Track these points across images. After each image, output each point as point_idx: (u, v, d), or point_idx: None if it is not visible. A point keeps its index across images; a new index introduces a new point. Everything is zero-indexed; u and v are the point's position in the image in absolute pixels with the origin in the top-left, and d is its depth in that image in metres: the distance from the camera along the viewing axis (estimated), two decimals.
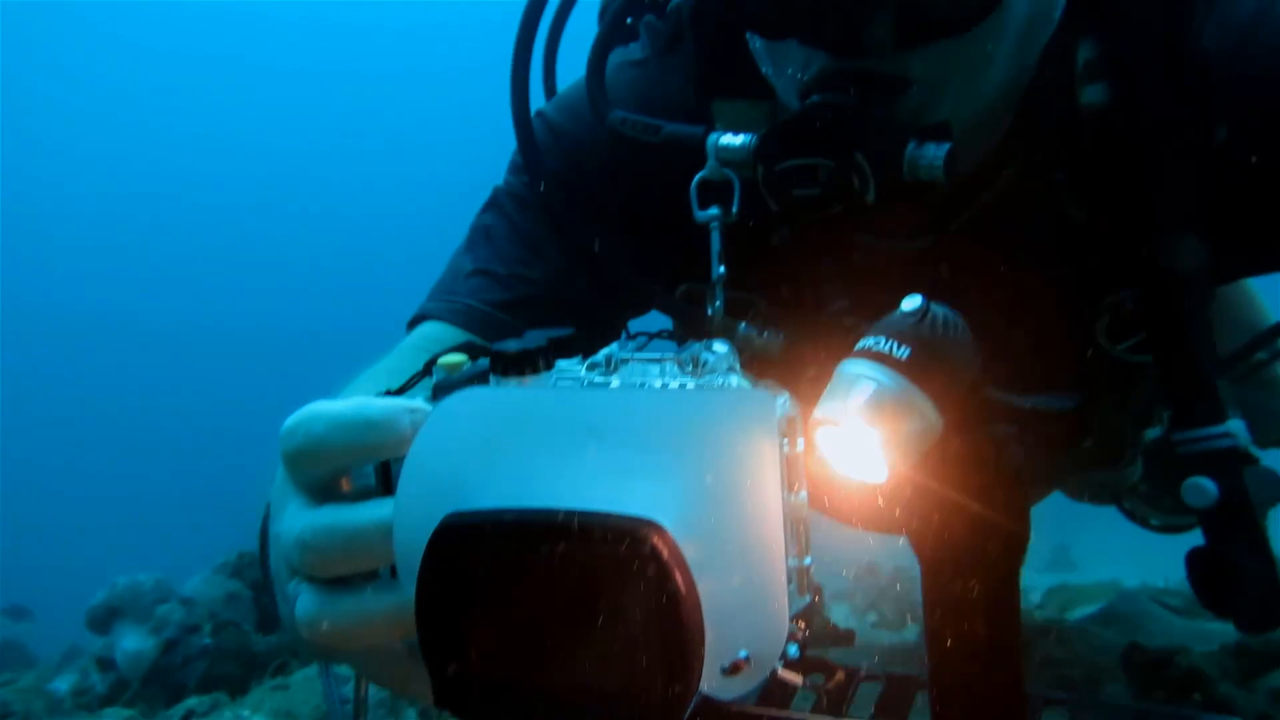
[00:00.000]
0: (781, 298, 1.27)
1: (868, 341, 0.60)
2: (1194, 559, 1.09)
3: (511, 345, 0.63)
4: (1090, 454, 1.45)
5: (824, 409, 0.57)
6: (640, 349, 0.65)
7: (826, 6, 0.93)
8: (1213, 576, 1.07)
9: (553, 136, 1.33)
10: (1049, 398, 0.84)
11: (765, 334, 1.19)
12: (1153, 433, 1.46)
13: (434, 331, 1.29)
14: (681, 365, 0.63)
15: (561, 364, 0.65)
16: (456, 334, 1.27)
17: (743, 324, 1.19)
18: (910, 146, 0.94)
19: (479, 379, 0.65)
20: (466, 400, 0.59)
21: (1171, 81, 1.06)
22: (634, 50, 1.32)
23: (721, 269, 1.08)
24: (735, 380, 0.62)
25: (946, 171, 0.93)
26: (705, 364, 0.62)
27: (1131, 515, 1.91)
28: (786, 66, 1.04)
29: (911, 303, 0.61)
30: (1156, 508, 1.82)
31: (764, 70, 1.10)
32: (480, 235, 1.36)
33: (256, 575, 3.31)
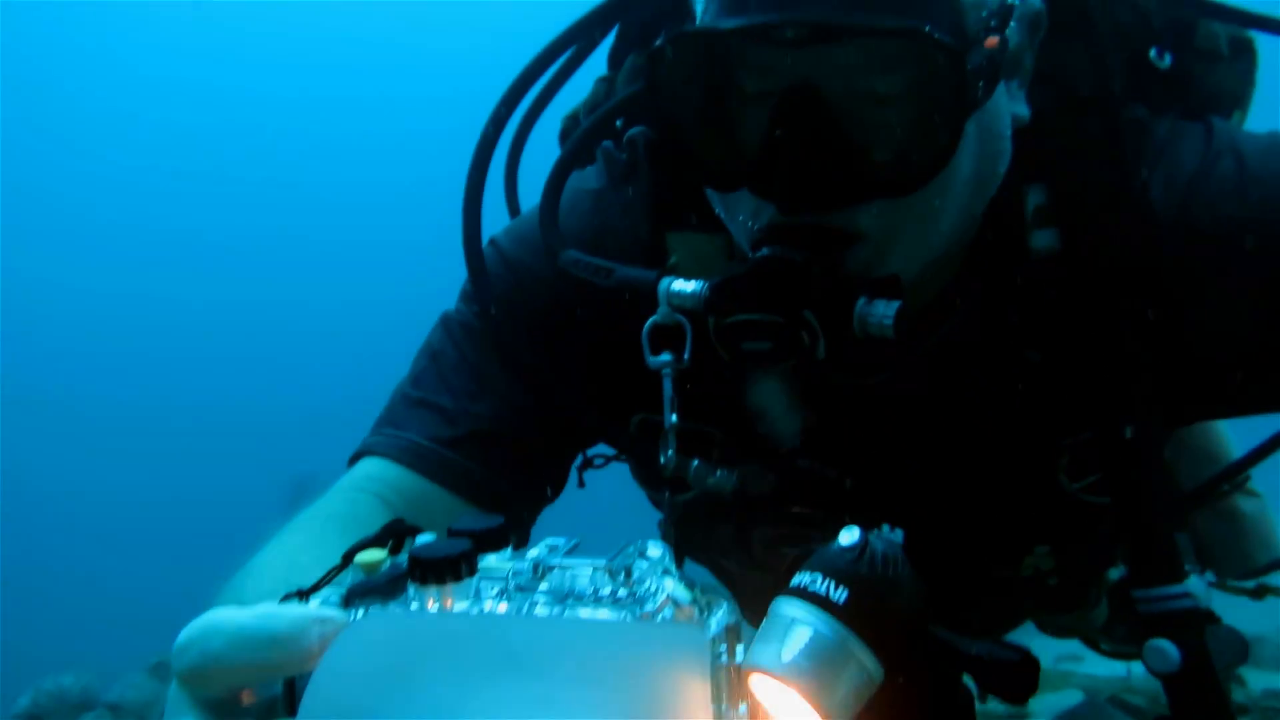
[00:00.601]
0: (737, 430, 1.25)
1: (804, 579, 0.57)
2: None
3: (432, 549, 0.59)
4: (1055, 595, 1.44)
5: (757, 657, 0.54)
6: (569, 552, 0.63)
7: (776, 164, 0.94)
8: None
9: (505, 266, 1.31)
10: (999, 646, 0.82)
11: (718, 473, 1.18)
12: (1115, 573, 1.45)
13: (377, 470, 1.25)
14: (612, 574, 0.60)
15: (487, 564, 0.62)
16: (400, 473, 1.23)
17: (695, 461, 1.18)
18: (860, 303, 0.94)
19: (398, 582, 0.61)
20: (378, 622, 0.55)
21: (1120, 230, 1.08)
22: (590, 177, 1.32)
23: (674, 418, 1.08)
24: (670, 584, 0.59)
25: (896, 329, 0.93)
26: (635, 575, 0.59)
27: (1086, 639, 1.90)
28: (738, 213, 1.05)
29: (849, 536, 0.58)
30: (1108, 636, 1.82)
31: (717, 210, 1.11)
32: (428, 362, 1.32)
33: None
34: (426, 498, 1.21)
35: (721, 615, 0.57)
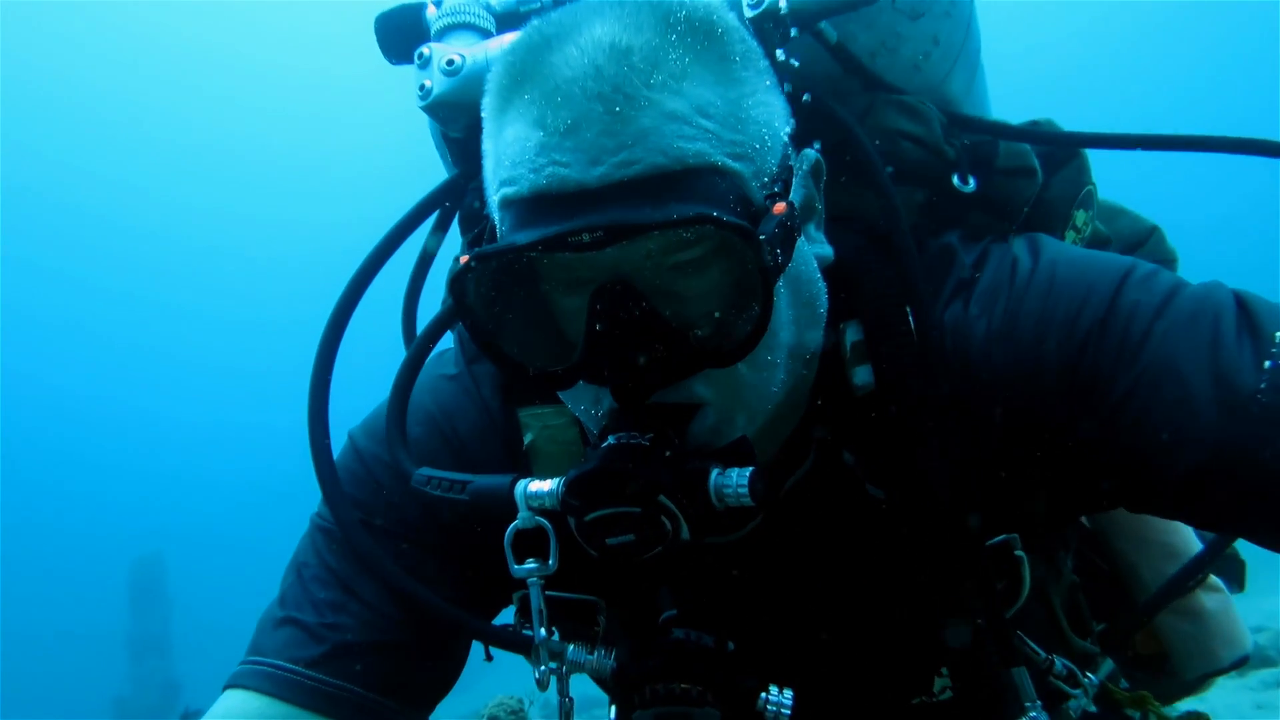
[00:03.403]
0: (620, 604, 1.25)
1: None
2: None
3: None
4: (982, 708, 1.44)
5: None
6: None
7: (602, 355, 0.95)
8: None
9: (362, 465, 1.27)
10: None
11: (596, 654, 1.16)
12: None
13: (239, 704, 1.18)
14: None
15: None
16: (264, 704, 1.17)
17: (570, 647, 1.16)
18: (714, 475, 0.95)
19: None
20: None
21: (925, 362, 1.10)
22: (449, 361, 1.31)
23: (543, 632, 1.09)
24: None
25: (753, 494, 0.94)
26: None
27: None
28: (579, 403, 1.05)
29: None
30: None
31: (563, 401, 1.10)
32: (294, 577, 1.27)
33: None
34: None
35: None
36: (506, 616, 1.30)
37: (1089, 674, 1.29)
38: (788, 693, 1.09)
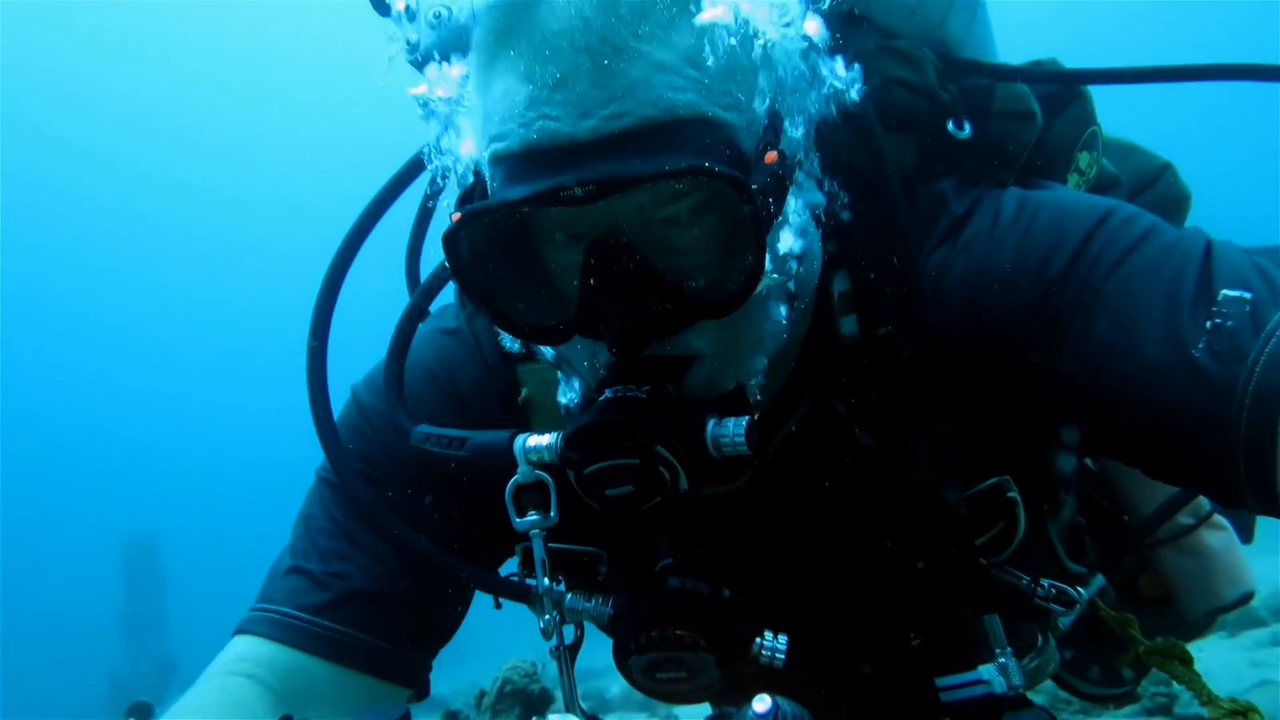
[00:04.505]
0: (619, 554, 1.27)
1: None
2: None
3: None
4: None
5: None
6: None
7: (599, 309, 0.95)
8: None
9: (364, 419, 1.30)
10: None
11: (594, 601, 1.18)
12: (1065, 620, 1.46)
13: (248, 649, 1.21)
14: None
15: None
16: (272, 649, 1.20)
17: (569, 595, 1.18)
18: (710, 425, 0.96)
19: None
20: None
21: (907, 309, 1.11)
22: (449, 316, 1.33)
23: (546, 582, 1.11)
24: None
25: (749, 443, 0.95)
26: None
27: (1061, 682, 1.91)
28: (576, 358, 1.07)
29: (763, 704, 0.63)
30: (1082, 677, 1.84)
31: (559, 354, 1.11)
32: (302, 529, 1.30)
33: None
34: (302, 670, 1.19)
35: None
36: (512, 568, 1.33)
37: (1079, 588, 1.30)
38: (782, 638, 1.11)
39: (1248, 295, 0.97)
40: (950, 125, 1.22)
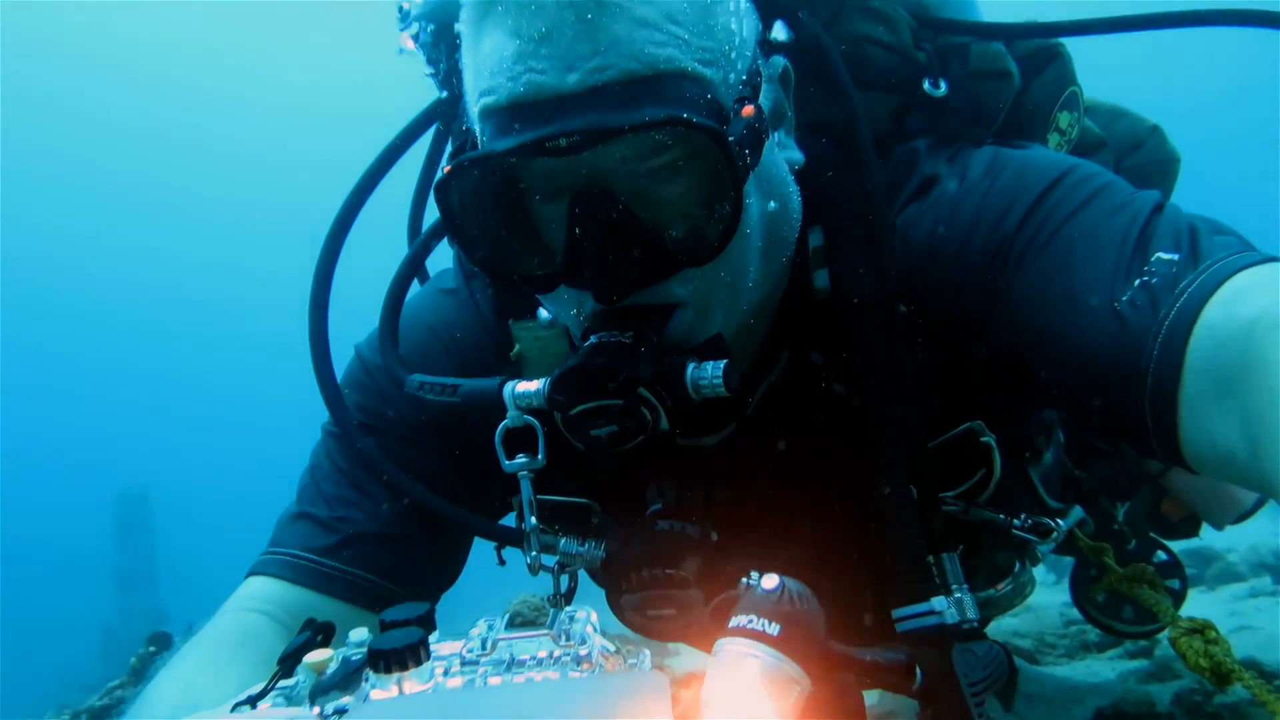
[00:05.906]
0: (612, 500, 1.33)
1: (740, 620, 0.68)
2: None
3: (388, 641, 0.64)
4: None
5: (716, 686, 0.63)
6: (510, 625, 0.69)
7: (583, 259, 1.00)
8: None
9: (366, 373, 1.37)
10: (885, 650, 0.93)
11: (588, 546, 1.25)
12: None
13: (260, 589, 1.29)
14: (555, 639, 0.67)
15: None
16: (282, 589, 1.28)
17: (563, 540, 1.26)
18: (690, 369, 1.01)
19: (354, 675, 0.66)
20: (373, 714, 0.60)
21: (875, 264, 1.15)
22: (449, 276, 1.39)
23: (533, 521, 1.15)
24: (599, 640, 0.67)
25: (727, 385, 1.01)
26: (571, 633, 0.67)
27: (1099, 623, 2.01)
28: (563, 308, 1.11)
29: (771, 580, 0.70)
30: (1117, 618, 1.94)
31: (548, 308, 1.17)
32: (309, 478, 1.38)
33: None
34: (311, 608, 1.25)
35: (646, 661, 0.65)
36: (511, 524, 1.39)
37: (1058, 520, 1.34)
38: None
39: (1175, 257, 1.02)
40: (926, 84, 1.25)
